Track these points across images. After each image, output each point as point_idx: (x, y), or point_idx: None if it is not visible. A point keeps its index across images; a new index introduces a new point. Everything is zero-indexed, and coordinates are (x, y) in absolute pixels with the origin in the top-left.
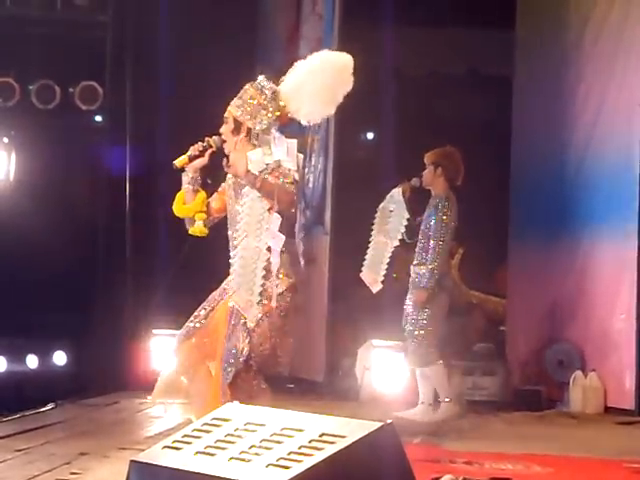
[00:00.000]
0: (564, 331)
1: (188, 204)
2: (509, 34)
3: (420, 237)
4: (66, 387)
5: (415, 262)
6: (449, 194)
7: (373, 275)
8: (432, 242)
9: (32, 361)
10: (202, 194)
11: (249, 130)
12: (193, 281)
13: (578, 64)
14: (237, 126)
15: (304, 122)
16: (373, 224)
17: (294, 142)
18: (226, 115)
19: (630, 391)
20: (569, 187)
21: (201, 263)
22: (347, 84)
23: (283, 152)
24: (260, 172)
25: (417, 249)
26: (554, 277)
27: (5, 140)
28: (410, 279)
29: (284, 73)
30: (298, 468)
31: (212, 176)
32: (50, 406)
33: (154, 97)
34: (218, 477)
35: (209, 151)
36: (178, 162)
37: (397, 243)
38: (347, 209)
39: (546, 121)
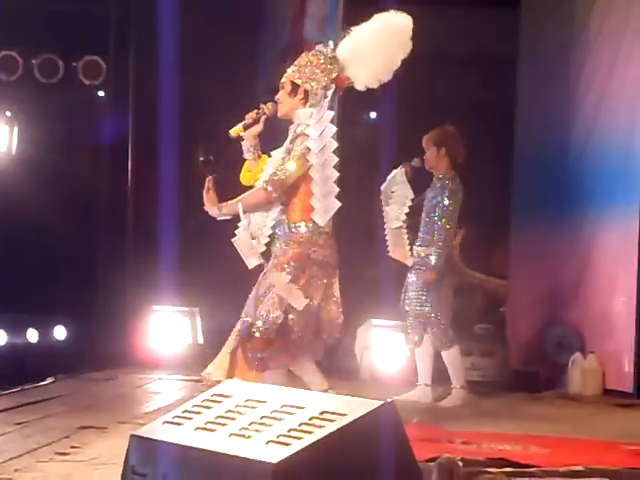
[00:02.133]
0: (564, 313)
1: (253, 171)
2: (514, 14)
3: (424, 217)
4: (66, 361)
5: (419, 243)
6: (453, 174)
7: (401, 251)
8: (439, 223)
9: (32, 335)
10: (264, 160)
11: (306, 92)
12: (194, 258)
13: (584, 45)
14: (294, 88)
15: (360, 87)
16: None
17: (331, 114)
18: (283, 80)
19: (629, 373)
20: (572, 170)
21: (202, 241)
22: (406, 48)
23: (317, 118)
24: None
25: (421, 230)
26: (555, 259)
27: (8, 114)
28: (414, 260)
29: (289, 51)
30: (298, 445)
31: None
32: (50, 380)
33: (157, 73)
34: (218, 453)
35: (263, 117)
36: (233, 131)
37: (399, 224)
38: (348, 188)
39: (550, 102)
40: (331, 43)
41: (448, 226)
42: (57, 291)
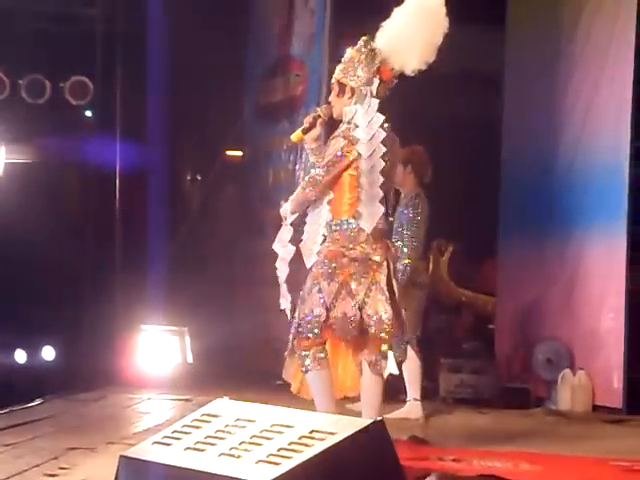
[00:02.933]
0: (553, 329)
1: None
2: (499, 29)
3: (394, 235)
4: (54, 382)
5: None
6: (419, 191)
7: None
8: (406, 238)
9: (20, 356)
10: None
11: (352, 90)
12: (183, 277)
13: (568, 63)
14: (342, 88)
15: (409, 73)
16: None
17: (381, 117)
18: (332, 82)
19: (618, 390)
20: (559, 186)
21: (191, 260)
22: (443, 25)
23: (365, 123)
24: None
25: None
26: (543, 276)
27: None
28: None
29: (276, 68)
30: (288, 464)
31: None
32: (38, 401)
33: (144, 92)
34: (208, 473)
35: (319, 121)
36: (294, 137)
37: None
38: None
39: (536, 120)
40: (363, 38)
41: (414, 242)
42: (45, 311)
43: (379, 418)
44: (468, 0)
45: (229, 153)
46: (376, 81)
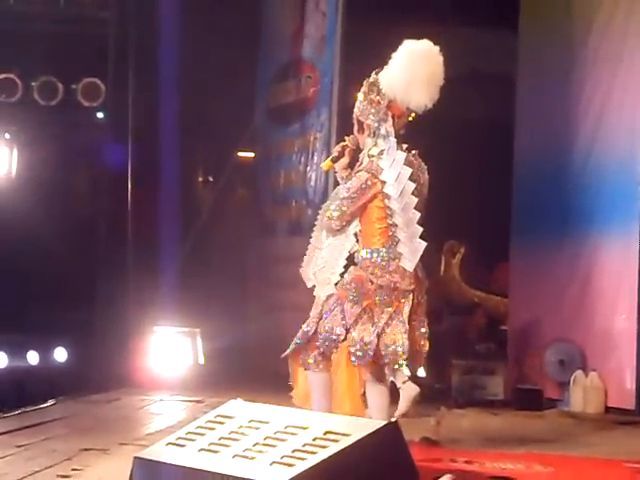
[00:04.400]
0: (565, 331)
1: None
2: (512, 33)
3: None
4: (67, 383)
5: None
6: None
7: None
8: None
9: (33, 357)
10: None
11: (368, 126)
12: (195, 279)
13: (582, 63)
14: (360, 125)
15: (418, 110)
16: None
17: (403, 155)
18: (353, 116)
19: (631, 391)
20: (572, 187)
21: (203, 260)
22: (439, 63)
23: (389, 162)
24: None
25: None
26: (556, 277)
27: (7, 136)
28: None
29: (287, 71)
30: (302, 466)
31: None
32: (51, 402)
33: (156, 94)
34: (222, 474)
35: (347, 150)
36: (324, 165)
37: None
38: None
39: (549, 121)
40: (373, 74)
41: None
42: (57, 313)
43: (393, 419)
44: (481, 2)
45: (241, 154)
46: (389, 118)
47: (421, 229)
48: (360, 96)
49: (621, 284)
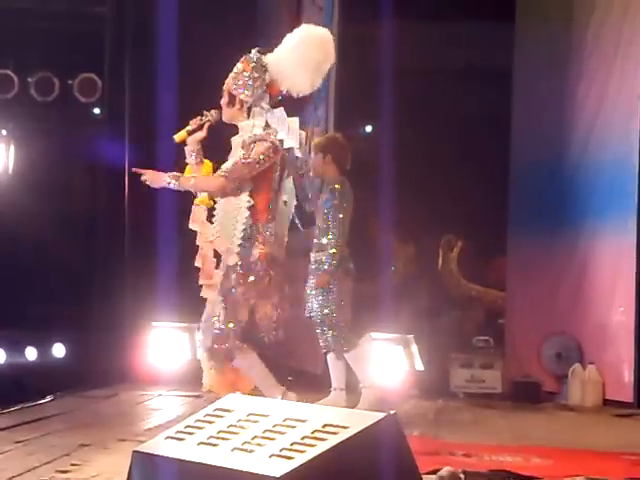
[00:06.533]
0: (563, 324)
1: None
2: (508, 28)
3: (318, 223)
4: (65, 379)
5: (316, 249)
6: (342, 179)
7: None
8: (332, 227)
9: (31, 353)
10: (207, 166)
11: (241, 102)
12: (192, 274)
13: (578, 60)
14: (231, 99)
15: (294, 93)
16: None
17: (296, 120)
18: (223, 88)
19: (629, 384)
20: (569, 180)
21: None
22: (331, 58)
23: (285, 130)
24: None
25: (317, 236)
26: (553, 270)
27: (4, 132)
28: (310, 266)
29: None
30: (301, 459)
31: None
32: (49, 398)
33: (153, 89)
34: (221, 467)
35: (207, 124)
36: (177, 137)
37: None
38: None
39: (546, 115)
40: (253, 52)
41: (341, 230)
42: (55, 309)
43: (392, 412)
44: None
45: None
46: (267, 97)
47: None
48: (237, 69)
49: (618, 277)
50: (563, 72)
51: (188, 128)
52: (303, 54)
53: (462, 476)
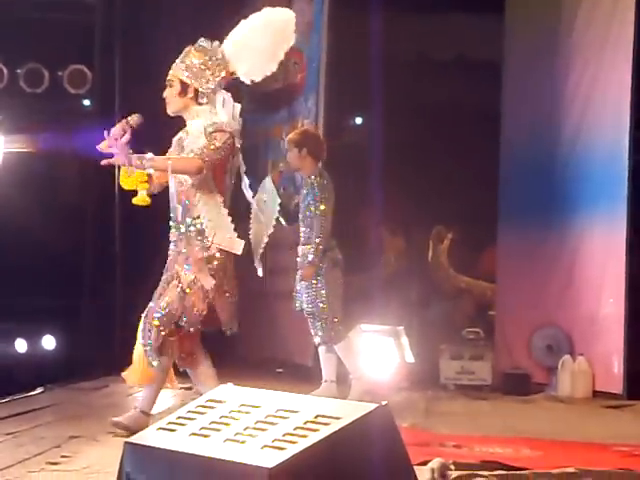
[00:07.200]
0: (553, 316)
1: (131, 176)
2: (498, 19)
3: (301, 217)
4: (55, 371)
5: (302, 242)
6: (320, 171)
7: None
8: (315, 220)
9: (21, 345)
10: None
11: (196, 90)
12: None
13: (568, 51)
14: (184, 88)
15: (247, 80)
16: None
17: (238, 106)
18: (170, 78)
19: (618, 375)
20: (559, 173)
21: None
22: (288, 41)
23: (229, 113)
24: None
25: (301, 230)
26: (543, 262)
27: None
28: (298, 259)
29: None
30: (293, 449)
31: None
32: (39, 390)
33: (143, 81)
34: (213, 458)
35: (129, 130)
36: (102, 145)
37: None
38: (335, 193)
39: (537, 105)
40: (205, 41)
41: (324, 221)
42: (45, 300)
43: (384, 402)
44: None
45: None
46: (222, 85)
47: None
48: (187, 58)
49: (608, 269)
50: (553, 63)
51: (111, 135)
52: (261, 43)
53: (452, 467)
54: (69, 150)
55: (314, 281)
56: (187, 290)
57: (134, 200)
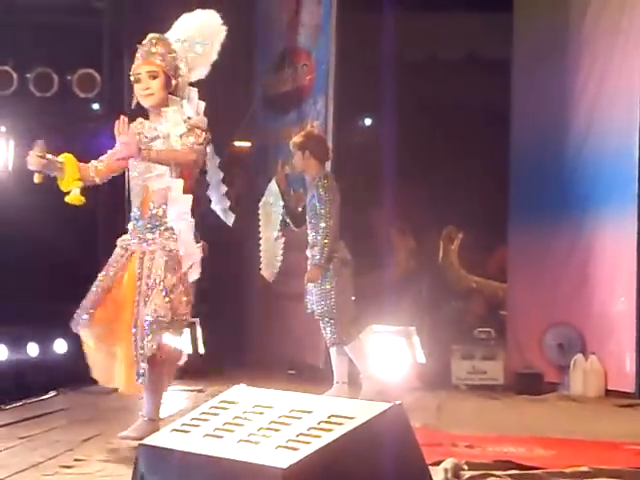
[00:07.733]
0: (564, 315)
1: (63, 176)
2: (507, 17)
3: (308, 220)
4: (67, 375)
5: (310, 244)
6: (325, 172)
7: (270, 271)
8: (321, 221)
9: (33, 349)
10: (67, 161)
11: (177, 85)
12: None
13: (578, 47)
14: (168, 81)
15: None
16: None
17: (203, 104)
18: (154, 69)
19: (631, 374)
20: (569, 170)
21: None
22: (219, 38)
23: (194, 109)
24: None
25: (309, 233)
26: (554, 261)
27: (3, 129)
28: (308, 262)
29: (284, 60)
30: (307, 449)
31: None
32: (52, 394)
33: None
34: (227, 459)
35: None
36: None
37: (279, 234)
38: (344, 195)
39: (546, 104)
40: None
41: (330, 222)
42: (57, 305)
43: (398, 402)
44: None
45: (238, 144)
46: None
47: None
48: (168, 51)
49: (619, 267)
50: (563, 61)
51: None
52: (199, 48)
53: (465, 467)
54: (78, 154)
55: (324, 283)
56: (171, 295)
57: (67, 199)
